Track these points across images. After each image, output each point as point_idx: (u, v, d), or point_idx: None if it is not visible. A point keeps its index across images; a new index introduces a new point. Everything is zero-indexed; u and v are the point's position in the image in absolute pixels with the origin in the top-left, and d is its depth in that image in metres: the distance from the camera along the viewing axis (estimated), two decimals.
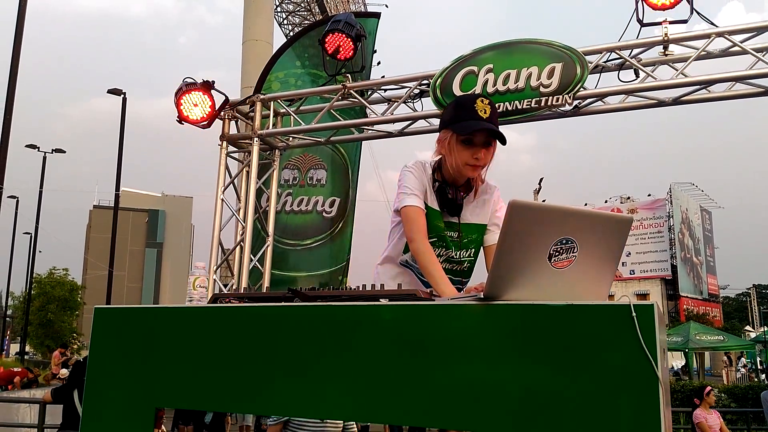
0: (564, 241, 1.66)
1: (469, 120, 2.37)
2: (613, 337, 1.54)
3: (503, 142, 2.41)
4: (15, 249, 35.28)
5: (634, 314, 1.51)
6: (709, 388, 7.82)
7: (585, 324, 1.57)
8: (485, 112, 2.37)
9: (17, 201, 34.40)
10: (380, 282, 2.35)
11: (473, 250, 2.55)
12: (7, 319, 43.71)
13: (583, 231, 1.67)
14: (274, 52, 7.01)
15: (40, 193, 29.76)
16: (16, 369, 17.58)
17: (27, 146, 29.45)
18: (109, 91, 22.70)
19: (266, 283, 5.97)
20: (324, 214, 6.63)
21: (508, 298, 1.68)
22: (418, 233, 2.42)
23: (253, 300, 2.15)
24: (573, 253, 1.67)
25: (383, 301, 1.87)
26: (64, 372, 13.87)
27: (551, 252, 1.66)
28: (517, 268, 1.67)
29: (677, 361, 28.15)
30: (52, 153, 30.62)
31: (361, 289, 2.01)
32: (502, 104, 5.15)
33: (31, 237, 33.13)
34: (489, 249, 2.56)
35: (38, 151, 29.59)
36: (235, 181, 6.36)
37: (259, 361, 1.88)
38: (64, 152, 31.87)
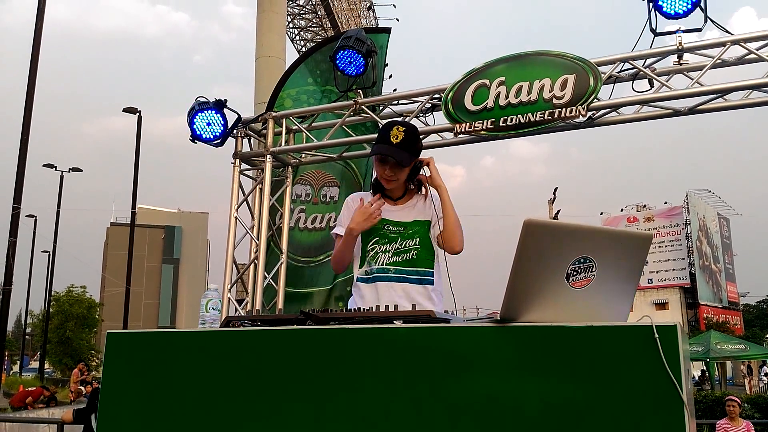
0: (582, 260, 1.62)
1: (381, 144, 2.76)
2: (635, 359, 1.49)
3: (401, 164, 2.72)
4: (33, 267, 35.67)
5: (656, 335, 1.47)
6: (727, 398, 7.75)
7: (605, 345, 1.53)
8: (397, 138, 2.71)
9: (35, 220, 34.82)
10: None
11: (418, 239, 2.81)
12: (27, 337, 44.04)
13: (601, 249, 1.63)
14: (286, 67, 7.01)
15: (58, 212, 30.10)
16: (31, 388, 17.57)
17: (44, 166, 29.86)
18: (125, 110, 22.95)
19: (280, 301, 5.94)
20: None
21: (526, 319, 1.63)
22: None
23: (266, 323, 2.12)
24: (592, 272, 1.63)
25: (397, 323, 1.84)
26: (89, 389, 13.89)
27: (569, 271, 1.62)
28: (534, 289, 1.63)
29: (696, 370, 27.74)
30: (69, 172, 31.04)
31: (374, 310, 1.98)
32: (514, 117, 5.10)
33: (49, 255, 33.49)
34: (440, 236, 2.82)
35: (55, 170, 30.00)
36: (249, 198, 6.35)
37: (273, 385, 1.85)
38: (81, 171, 32.27)
